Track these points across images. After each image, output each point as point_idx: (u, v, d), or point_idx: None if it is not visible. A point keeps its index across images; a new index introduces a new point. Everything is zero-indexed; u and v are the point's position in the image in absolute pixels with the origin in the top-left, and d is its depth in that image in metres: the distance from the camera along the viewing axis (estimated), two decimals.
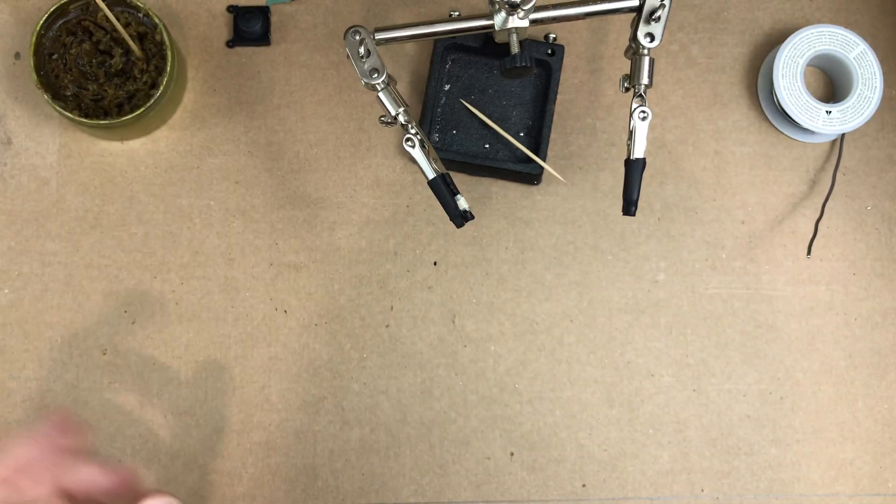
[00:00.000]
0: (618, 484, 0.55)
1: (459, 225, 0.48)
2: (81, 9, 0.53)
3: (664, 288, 0.56)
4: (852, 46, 0.56)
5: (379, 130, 0.57)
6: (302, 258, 0.56)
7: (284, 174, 0.56)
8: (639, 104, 0.47)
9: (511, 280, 0.56)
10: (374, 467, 0.54)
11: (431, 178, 0.48)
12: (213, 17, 0.57)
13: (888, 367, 0.56)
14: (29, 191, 0.55)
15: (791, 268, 0.57)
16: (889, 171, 0.58)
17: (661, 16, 0.48)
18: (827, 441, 0.56)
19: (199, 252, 0.55)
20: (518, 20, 0.48)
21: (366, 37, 0.48)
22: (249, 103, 0.57)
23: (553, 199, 0.57)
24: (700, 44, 0.59)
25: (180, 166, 0.56)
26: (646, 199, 0.57)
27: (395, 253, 0.56)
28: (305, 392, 0.55)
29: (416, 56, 0.58)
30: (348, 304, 0.55)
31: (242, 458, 0.54)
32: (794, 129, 0.57)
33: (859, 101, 0.56)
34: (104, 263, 0.55)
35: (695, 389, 0.56)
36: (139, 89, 0.53)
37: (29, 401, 0.54)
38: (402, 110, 0.49)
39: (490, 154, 0.56)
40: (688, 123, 0.58)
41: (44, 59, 0.53)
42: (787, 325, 0.56)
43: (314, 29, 0.58)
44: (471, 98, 0.56)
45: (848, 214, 0.57)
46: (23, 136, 0.56)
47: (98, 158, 0.56)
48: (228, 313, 0.55)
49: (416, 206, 0.56)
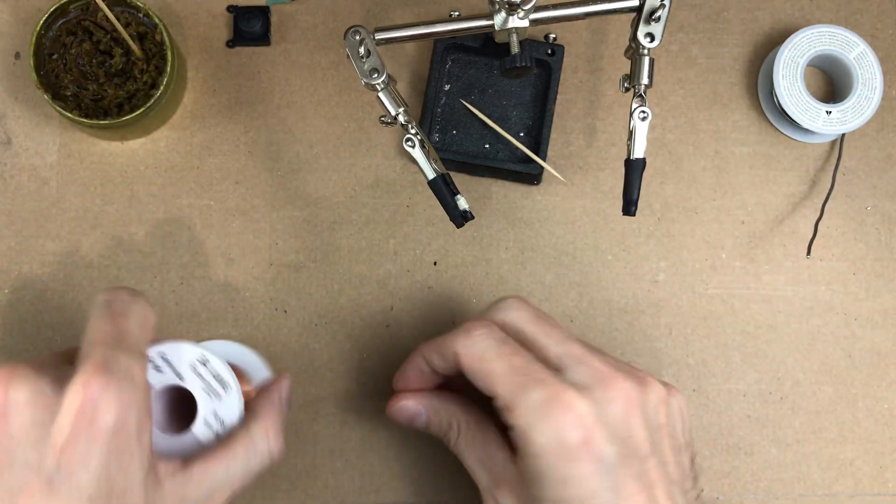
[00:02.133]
0: None
1: (459, 225, 0.48)
2: (81, 9, 0.53)
3: (664, 288, 0.56)
4: (852, 46, 0.56)
5: (379, 130, 0.57)
6: (302, 258, 0.56)
7: (284, 174, 0.56)
8: (639, 104, 0.47)
9: (511, 280, 0.56)
10: (374, 467, 0.54)
11: (431, 178, 0.48)
12: (213, 17, 0.57)
13: (888, 367, 0.56)
14: (29, 191, 0.55)
15: (791, 268, 0.57)
16: (889, 171, 0.58)
17: (661, 16, 0.48)
18: (827, 441, 0.56)
19: (199, 252, 0.55)
20: (518, 20, 0.48)
21: (366, 37, 0.48)
22: (249, 103, 0.57)
23: (553, 199, 0.57)
24: (700, 44, 0.59)
25: (180, 166, 0.56)
26: (646, 199, 0.57)
27: (395, 253, 0.56)
28: (305, 392, 0.55)
29: (416, 56, 0.58)
30: (348, 304, 0.55)
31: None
32: (794, 130, 0.57)
33: (859, 101, 0.56)
34: (104, 263, 0.55)
35: (695, 389, 0.56)
36: (139, 89, 0.53)
37: None
38: (402, 110, 0.49)
39: (490, 154, 0.56)
40: (688, 123, 0.58)
41: (44, 59, 0.53)
42: (787, 325, 0.56)
43: (314, 29, 0.58)
44: (471, 98, 0.56)
45: (848, 214, 0.57)
46: (23, 136, 0.56)
47: (98, 158, 0.56)
48: (228, 313, 0.55)
49: (416, 206, 0.56)
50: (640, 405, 0.42)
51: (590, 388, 0.41)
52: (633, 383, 0.42)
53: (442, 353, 0.45)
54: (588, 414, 0.40)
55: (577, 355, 0.43)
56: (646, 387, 0.43)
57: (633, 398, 0.42)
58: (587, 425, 0.40)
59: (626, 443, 0.41)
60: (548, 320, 0.45)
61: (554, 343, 0.44)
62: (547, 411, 0.40)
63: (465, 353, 0.44)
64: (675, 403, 0.44)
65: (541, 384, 0.41)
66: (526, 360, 0.42)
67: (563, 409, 0.40)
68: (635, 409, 0.42)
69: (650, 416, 0.43)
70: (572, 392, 0.40)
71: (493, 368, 0.42)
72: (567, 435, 0.40)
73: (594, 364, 0.43)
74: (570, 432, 0.40)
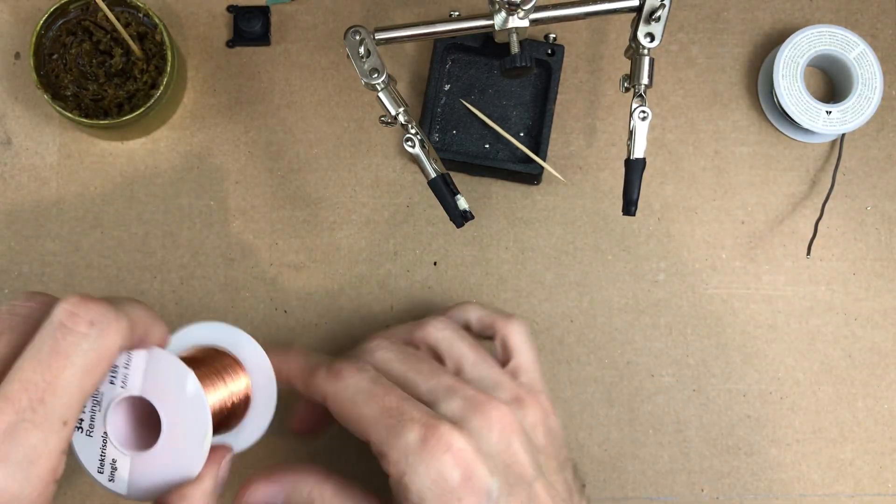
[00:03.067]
0: (618, 484, 0.55)
1: (459, 225, 0.48)
2: (81, 9, 0.53)
3: (664, 288, 0.56)
4: (852, 46, 0.56)
5: (379, 130, 0.57)
6: (302, 258, 0.56)
7: (284, 174, 0.56)
8: (639, 104, 0.47)
9: (511, 280, 0.56)
10: (374, 467, 0.54)
11: (431, 178, 0.48)
12: (213, 17, 0.57)
13: (888, 367, 0.56)
14: (29, 191, 0.55)
15: (791, 268, 0.57)
16: (889, 171, 0.58)
17: (661, 16, 0.48)
18: (827, 441, 0.56)
19: (199, 252, 0.55)
20: (518, 20, 0.48)
21: (366, 37, 0.48)
22: (249, 103, 0.57)
23: (553, 199, 0.57)
24: (700, 44, 0.59)
25: (180, 166, 0.56)
26: (646, 199, 0.57)
27: (395, 253, 0.56)
28: None
29: (416, 56, 0.58)
30: (348, 304, 0.55)
31: (242, 457, 0.54)
32: (794, 129, 0.57)
33: (859, 101, 0.56)
34: (104, 263, 0.55)
35: (695, 389, 0.56)
36: (139, 89, 0.53)
37: None
38: (402, 110, 0.49)
39: (490, 154, 0.56)
40: (688, 123, 0.58)
41: (44, 59, 0.53)
42: (787, 325, 0.56)
43: (314, 29, 0.58)
44: (471, 98, 0.56)
45: (848, 214, 0.57)
46: (23, 136, 0.56)
47: (98, 158, 0.56)
48: (228, 313, 0.55)
49: (416, 206, 0.56)
50: (518, 429, 0.40)
51: (464, 418, 0.39)
52: (507, 407, 0.40)
53: (308, 388, 0.43)
54: (466, 448, 0.38)
55: (447, 386, 0.41)
56: (522, 408, 0.42)
57: (510, 423, 0.40)
58: (467, 461, 0.38)
59: (510, 470, 0.39)
60: (415, 355, 0.43)
61: (423, 379, 0.42)
62: (422, 453, 0.38)
63: (335, 398, 0.41)
64: (551, 424, 0.43)
65: (413, 424, 0.38)
66: (398, 400, 0.40)
67: (440, 448, 0.38)
68: (514, 434, 0.40)
69: (530, 437, 0.41)
70: (446, 427, 0.38)
71: (363, 413, 0.40)
72: (447, 475, 0.38)
73: (465, 392, 0.41)
74: (449, 472, 0.38)
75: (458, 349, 0.45)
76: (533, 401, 0.43)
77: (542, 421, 0.42)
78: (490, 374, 0.43)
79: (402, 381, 0.42)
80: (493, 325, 0.48)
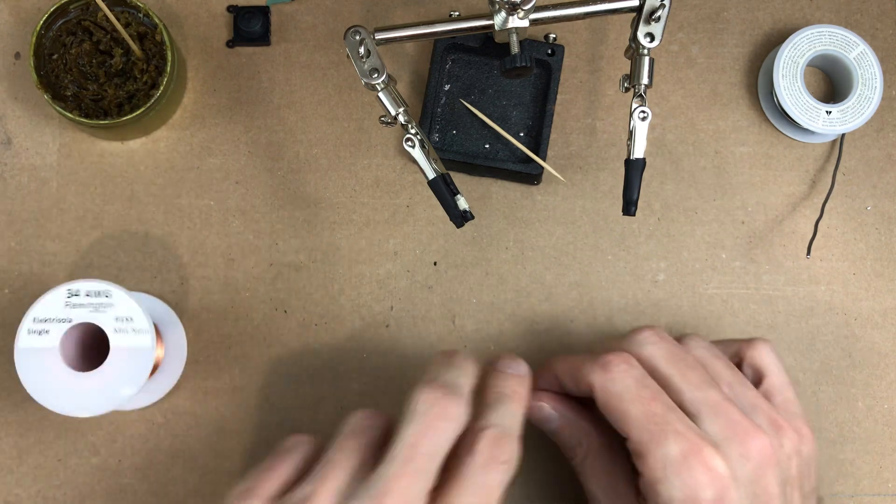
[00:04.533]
0: None
1: (459, 225, 0.48)
2: (81, 9, 0.53)
3: (664, 288, 0.56)
4: (852, 46, 0.56)
5: (379, 130, 0.57)
6: (302, 258, 0.56)
7: (284, 174, 0.56)
8: (639, 104, 0.47)
9: (511, 280, 0.56)
10: None
11: (431, 178, 0.48)
12: (213, 17, 0.57)
13: (888, 367, 0.56)
14: (29, 191, 0.55)
15: (791, 268, 0.57)
16: (889, 171, 0.58)
17: (661, 16, 0.48)
18: (827, 441, 0.56)
19: (199, 252, 0.55)
20: (518, 20, 0.48)
21: (366, 37, 0.48)
22: (249, 103, 0.57)
23: (553, 199, 0.57)
24: (700, 44, 0.59)
25: (180, 166, 0.56)
26: (646, 199, 0.57)
27: (395, 253, 0.56)
28: (305, 392, 0.55)
29: (416, 56, 0.58)
30: (348, 304, 0.55)
31: (243, 458, 0.54)
32: (794, 129, 0.57)
33: (859, 101, 0.56)
34: (104, 263, 0.55)
35: None
36: (139, 89, 0.53)
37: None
38: (402, 110, 0.49)
39: (490, 154, 0.56)
40: (688, 123, 0.58)
41: (44, 59, 0.53)
42: (787, 325, 0.56)
43: (314, 29, 0.58)
44: (471, 98, 0.56)
45: (848, 214, 0.57)
46: (23, 136, 0.56)
47: (98, 158, 0.56)
48: (228, 313, 0.55)
49: (416, 206, 0.56)
50: (773, 462, 0.42)
51: (726, 442, 0.41)
52: (767, 438, 0.42)
53: (576, 379, 0.45)
54: (724, 473, 0.40)
55: (714, 403, 0.42)
56: (780, 438, 0.43)
57: (768, 455, 0.41)
58: (722, 485, 0.40)
59: (757, 500, 0.41)
60: (685, 359, 0.45)
61: (691, 388, 0.43)
62: (681, 467, 0.40)
63: (602, 389, 0.43)
64: (805, 451, 0.44)
65: (677, 437, 0.40)
66: (664, 408, 0.42)
67: (700, 466, 0.40)
68: (770, 467, 0.41)
69: (783, 470, 0.42)
70: (710, 449, 0.40)
71: (628, 411, 0.42)
72: (700, 494, 0.39)
73: (731, 415, 0.42)
74: (703, 492, 0.39)
75: (714, 367, 0.46)
76: (790, 427, 0.44)
77: (797, 450, 0.43)
78: (747, 396, 0.44)
79: (667, 383, 0.43)
80: (737, 351, 0.48)
